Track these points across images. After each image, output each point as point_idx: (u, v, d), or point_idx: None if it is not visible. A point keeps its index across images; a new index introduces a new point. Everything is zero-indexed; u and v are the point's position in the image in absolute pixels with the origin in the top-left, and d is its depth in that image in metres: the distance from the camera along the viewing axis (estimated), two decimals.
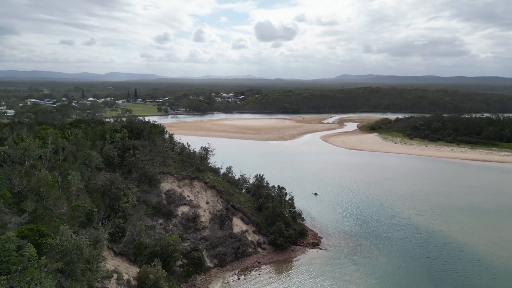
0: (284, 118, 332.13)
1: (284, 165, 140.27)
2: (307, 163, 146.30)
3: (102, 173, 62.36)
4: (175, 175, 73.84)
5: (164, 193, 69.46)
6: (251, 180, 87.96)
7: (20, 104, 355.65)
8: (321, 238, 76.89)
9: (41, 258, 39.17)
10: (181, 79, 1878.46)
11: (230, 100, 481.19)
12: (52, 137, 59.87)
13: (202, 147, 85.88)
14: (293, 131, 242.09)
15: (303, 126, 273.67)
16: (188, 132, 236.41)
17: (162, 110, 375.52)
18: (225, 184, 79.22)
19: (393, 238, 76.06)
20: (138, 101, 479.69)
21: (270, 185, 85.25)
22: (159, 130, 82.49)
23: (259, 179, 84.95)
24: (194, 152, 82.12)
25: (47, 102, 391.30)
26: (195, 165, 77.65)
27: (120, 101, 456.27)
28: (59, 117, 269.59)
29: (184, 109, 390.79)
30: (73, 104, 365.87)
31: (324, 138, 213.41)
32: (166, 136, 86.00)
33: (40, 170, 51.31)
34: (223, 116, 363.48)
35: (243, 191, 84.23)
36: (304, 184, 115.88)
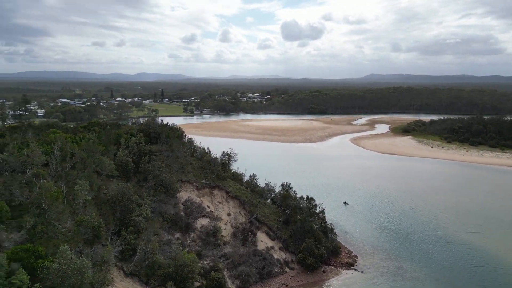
0: (311, 119, 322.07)
1: (312, 170, 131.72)
2: (337, 168, 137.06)
3: (114, 181, 56.76)
4: (194, 184, 67.47)
5: (182, 204, 63.16)
6: (277, 189, 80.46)
7: (51, 104, 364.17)
8: (356, 257, 68.39)
9: (35, 285, 33.41)
10: (208, 79, 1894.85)
11: (255, 100, 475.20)
12: (61, 142, 54.85)
13: (223, 152, 79.19)
14: (321, 133, 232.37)
15: (331, 127, 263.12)
16: (212, 133, 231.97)
17: (188, 110, 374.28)
18: (249, 194, 72.10)
19: (440, 260, 66.41)
20: (165, 101, 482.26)
21: (298, 194, 77.54)
22: (178, 134, 76.47)
23: (286, 188, 77.32)
24: (215, 158, 75.42)
25: (77, 102, 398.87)
26: (216, 172, 71.02)
27: (147, 101, 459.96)
28: (86, 117, 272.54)
29: (209, 109, 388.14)
30: (101, 104, 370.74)
31: (354, 141, 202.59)
32: (186, 140, 79.84)
33: (44, 180, 45.99)
34: (248, 116, 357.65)
35: (268, 201, 76.86)
36: (334, 192, 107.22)
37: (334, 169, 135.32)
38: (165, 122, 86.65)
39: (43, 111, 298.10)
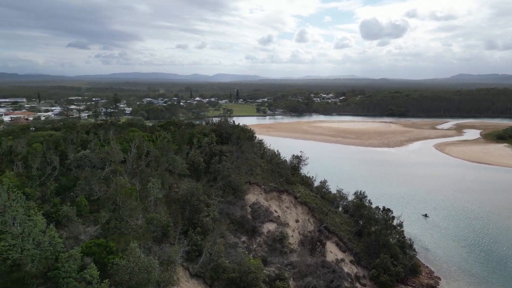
0: (390, 122, 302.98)
1: (389, 178, 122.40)
2: (417, 176, 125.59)
3: (185, 180, 57.69)
4: (263, 186, 65.96)
5: (250, 206, 62.05)
6: (350, 197, 75.38)
7: (137, 103, 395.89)
8: (439, 279, 60.87)
9: (104, 281, 34.31)
10: (282, 80, 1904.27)
11: (329, 101, 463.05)
12: (138, 140, 57.24)
13: (293, 155, 76.44)
14: (401, 137, 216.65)
15: (412, 131, 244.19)
16: (283, 134, 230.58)
17: (261, 111, 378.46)
18: (318, 200, 68.45)
19: None
20: (239, 102, 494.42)
21: (373, 204, 71.78)
22: (248, 135, 75.78)
23: (360, 196, 71.97)
24: (285, 161, 73.04)
25: (160, 101, 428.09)
26: (285, 176, 68.68)
27: (223, 101, 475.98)
28: (167, 116, 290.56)
29: (282, 109, 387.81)
30: (181, 103, 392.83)
31: (438, 147, 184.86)
32: (256, 141, 78.85)
33: (120, 176, 48.04)
34: (321, 117, 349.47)
35: (340, 209, 72.33)
36: (413, 202, 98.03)
37: (415, 177, 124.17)
38: (238, 122, 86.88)
39: (130, 109, 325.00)
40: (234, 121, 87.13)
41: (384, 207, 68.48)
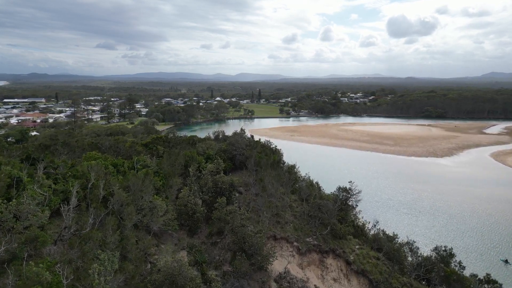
0: (428, 125, 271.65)
1: (450, 203, 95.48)
2: (486, 200, 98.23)
3: (168, 244, 34.87)
4: (295, 244, 42.24)
5: (275, 281, 38.52)
6: (424, 251, 50.44)
7: (155, 103, 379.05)
8: None
9: None
10: (305, 79, 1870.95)
11: (358, 101, 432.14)
12: (96, 175, 34.90)
13: (340, 188, 51.91)
14: (447, 144, 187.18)
15: (458, 136, 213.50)
16: (310, 139, 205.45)
17: (284, 112, 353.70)
18: (383, 265, 43.84)
19: None
20: (261, 102, 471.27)
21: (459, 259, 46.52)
22: (274, 159, 52.02)
23: (445, 255, 46.73)
24: (327, 202, 48.16)
25: (179, 102, 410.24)
26: (330, 225, 44.63)
27: (245, 101, 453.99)
28: (184, 117, 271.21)
29: (307, 110, 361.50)
30: (200, 104, 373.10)
31: (497, 158, 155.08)
32: (284, 165, 54.98)
33: (31, 263, 25.70)
34: (350, 119, 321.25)
35: (413, 276, 47.26)
36: (487, 241, 71.90)
37: (483, 202, 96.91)
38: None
39: (146, 109, 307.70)
40: (252, 136, 63.47)
41: (487, 277, 43.22)
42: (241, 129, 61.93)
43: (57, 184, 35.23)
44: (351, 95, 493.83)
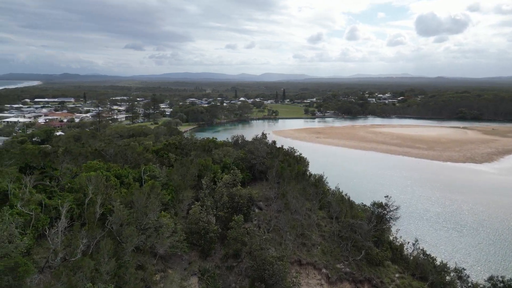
0: (464, 127, 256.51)
1: (500, 218, 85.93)
2: None
3: (176, 270, 29.80)
4: (324, 271, 36.20)
5: None
6: (473, 276, 43.13)
7: (180, 103, 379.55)
8: None
9: None
10: (330, 78, 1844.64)
11: (386, 101, 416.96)
12: (95, 188, 30.30)
13: (375, 203, 45.30)
14: (486, 148, 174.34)
15: (497, 140, 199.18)
16: (337, 141, 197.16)
17: (309, 112, 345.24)
18: None
19: None
20: (286, 102, 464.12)
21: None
22: (298, 169, 45.95)
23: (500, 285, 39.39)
24: (361, 218, 41.68)
25: (203, 102, 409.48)
26: (365, 248, 38.31)
27: (269, 101, 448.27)
28: (207, 118, 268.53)
29: (332, 111, 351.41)
30: (224, 104, 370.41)
31: None
32: (310, 175, 48.76)
33: None
34: (378, 120, 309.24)
35: None
36: None
37: None
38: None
39: (171, 109, 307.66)
40: (274, 142, 57.57)
41: None
42: (262, 134, 56.32)
43: (52, 199, 30.86)
44: (379, 95, 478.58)
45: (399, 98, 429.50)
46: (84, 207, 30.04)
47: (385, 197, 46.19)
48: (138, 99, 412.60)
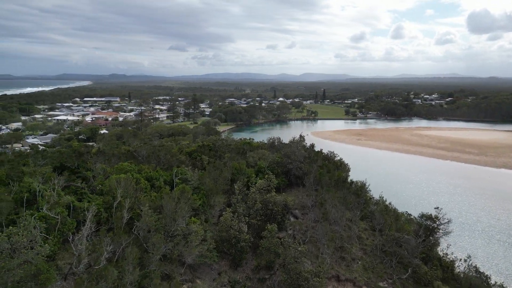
0: None
1: None
2: None
3: (201, 283, 28.06)
4: None
5: None
6: None
7: (219, 103, 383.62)
8: None
9: None
10: (373, 78, 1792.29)
11: (433, 103, 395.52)
12: (123, 191, 29.29)
13: (424, 215, 40.98)
14: None
15: None
16: (379, 144, 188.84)
17: (350, 113, 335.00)
18: None
19: None
20: (326, 102, 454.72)
21: None
22: (339, 176, 42.69)
23: None
24: (408, 232, 37.67)
25: (242, 102, 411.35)
26: (412, 265, 34.47)
27: (308, 101, 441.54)
28: (245, 118, 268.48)
29: (375, 112, 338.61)
30: (262, 104, 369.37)
31: None
32: (351, 182, 45.21)
33: None
34: (424, 123, 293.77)
35: None
36: None
37: None
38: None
39: (210, 109, 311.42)
40: (313, 144, 54.48)
41: None
42: (300, 136, 53.49)
43: (82, 201, 30.24)
44: (425, 96, 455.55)
45: (447, 99, 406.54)
46: (113, 210, 29.11)
47: (435, 208, 41.81)
48: (179, 99, 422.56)
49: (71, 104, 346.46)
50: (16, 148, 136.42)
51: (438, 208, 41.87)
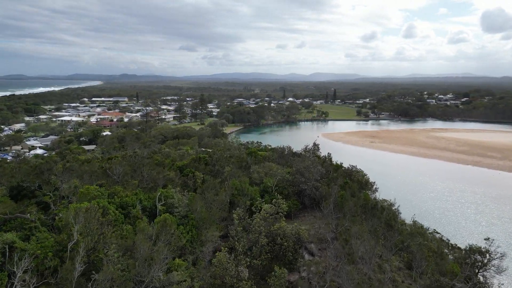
0: None
1: None
2: None
3: None
4: None
5: None
6: None
7: (228, 103, 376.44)
8: None
9: None
10: (384, 78, 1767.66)
11: (448, 103, 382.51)
12: (87, 224, 21.68)
13: (472, 248, 32.68)
14: None
15: None
16: (393, 147, 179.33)
17: (362, 114, 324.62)
18: None
19: None
20: (337, 102, 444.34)
21: None
22: (366, 199, 34.59)
23: None
24: (455, 270, 29.43)
25: (250, 102, 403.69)
26: None
27: (318, 102, 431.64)
28: (253, 119, 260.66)
29: (388, 113, 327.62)
30: (272, 104, 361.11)
31: None
32: (376, 202, 36.97)
33: None
34: (439, 124, 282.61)
35: None
36: None
37: None
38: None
39: (218, 110, 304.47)
40: (330, 156, 46.25)
41: None
42: (314, 144, 45.40)
43: (29, 241, 22.76)
44: (440, 96, 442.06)
45: (462, 100, 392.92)
46: (67, 254, 21.59)
47: (485, 239, 33.49)
48: (187, 99, 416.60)
49: (78, 104, 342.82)
50: (14, 151, 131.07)
51: (488, 239, 33.50)
